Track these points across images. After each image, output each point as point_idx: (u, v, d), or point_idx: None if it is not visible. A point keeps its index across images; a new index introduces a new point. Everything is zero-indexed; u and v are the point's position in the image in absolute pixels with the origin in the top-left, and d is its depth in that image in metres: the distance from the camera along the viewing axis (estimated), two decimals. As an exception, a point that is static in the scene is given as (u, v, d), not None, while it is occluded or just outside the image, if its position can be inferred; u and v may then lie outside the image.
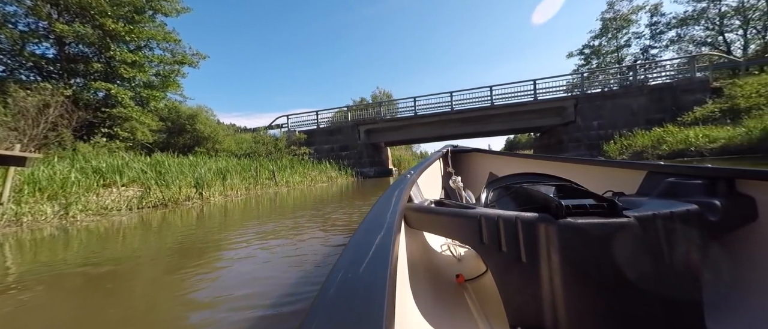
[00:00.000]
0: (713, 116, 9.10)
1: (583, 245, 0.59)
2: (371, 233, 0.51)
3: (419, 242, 1.03)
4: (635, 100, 11.14)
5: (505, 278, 0.64)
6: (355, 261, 0.40)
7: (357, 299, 0.31)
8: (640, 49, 20.86)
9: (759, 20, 15.65)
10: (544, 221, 0.62)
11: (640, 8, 20.25)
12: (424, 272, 0.89)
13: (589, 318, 0.58)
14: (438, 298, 0.79)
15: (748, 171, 0.79)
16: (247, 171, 8.21)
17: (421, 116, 13.84)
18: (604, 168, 1.34)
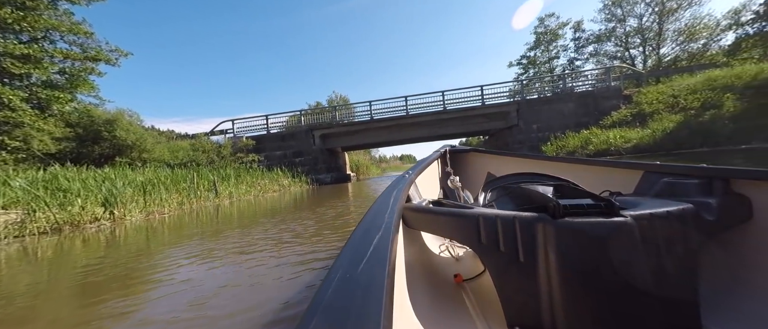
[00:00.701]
0: (626, 119, 10.56)
1: (581, 244, 0.59)
2: (369, 233, 0.50)
3: (418, 242, 1.01)
4: (566, 105, 12.47)
5: (503, 278, 0.64)
6: (354, 260, 0.40)
7: (355, 299, 0.31)
8: (567, 61, 23.71)
9: (653, 40, 18.85)
10: (542, 221, 0.62)
11: (565, 24, 23.05)
12: (423, 272, 0.87)
13: (587, 317, 0.57)
14: (436, 298, 0.78)
15: (743, 171, 0.79)
16: (182, 183, 7.19)
17: (377, 120, 13.77)
18: (601, 168, 1.35)
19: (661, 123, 8.98)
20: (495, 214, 0.67)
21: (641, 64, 18.85)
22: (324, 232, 2.86)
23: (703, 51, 17.38)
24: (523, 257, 0.62)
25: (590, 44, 22.05)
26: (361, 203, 5.02)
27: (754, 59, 11.28)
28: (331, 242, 2.41)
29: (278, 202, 6.41)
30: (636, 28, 19.44)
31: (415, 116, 13.57)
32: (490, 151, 2.40)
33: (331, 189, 9.30)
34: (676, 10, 17.76)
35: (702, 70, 11.91)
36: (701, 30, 17.34)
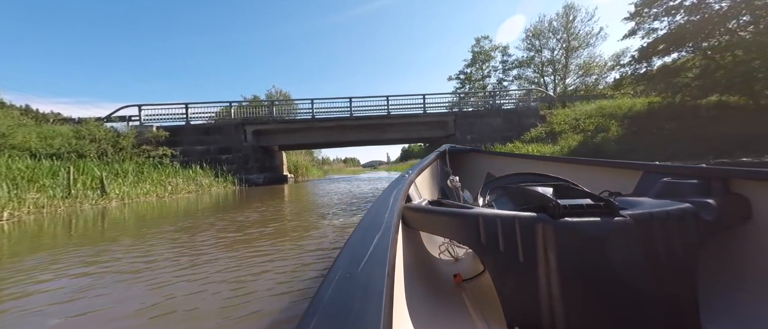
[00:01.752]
0: (541, 136, 12.11)
1: (581, 244, 0.59)
2: (369, 233, 0.50)
3: (417, 242, 0.99)
4: (495, 120, 13.76)
5: (503, 278, 0.64)
6: (353, 260, 0.40)
7: (354, 299, 0.31)
8: (497, 80, 26.59)
9: (561, 71, 22.42)
10: (542, 221, 0.62)
11: (495, 48, 25.83)
12: (422, 272, 0.86)
13: (586, 317, 0.58)
14: (436, 298, 0.78)
15: (742, 171, 0.79)
16: (54, 178, 5.49)
17: (319, 119, 13.08)
18: (600, 168, 1.34)
19: (567, 141, 10.52)
20: (495, 214, 0.67)
21: (552, 90, 22.19)
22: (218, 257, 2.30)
23: (596, 84, 21.36)
24: (523, 257, 0.62)
25: (515, 68, 25.14)
26: (295, 209, 4.46)
27: (629, 94, 14.25)
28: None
29: (189, 205, 5.34)
30: (549, 60, 22.86)
31: (359, 118, 13.31)
32: (489, 151, 2.38)
33: (263, 191, 8.32)
34: (577, 48, 21.49)
35: (595, 99, 14.47)
36: (594, 67, 21.34)
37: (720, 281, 0.75)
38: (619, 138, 9.51)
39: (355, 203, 4.75)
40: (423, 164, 1.60)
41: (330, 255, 1.99)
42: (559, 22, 21.63)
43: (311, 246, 2.21)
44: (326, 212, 3.83)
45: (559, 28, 21.72)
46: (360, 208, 4.13)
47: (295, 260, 1.91)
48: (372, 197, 5.38)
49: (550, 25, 22.05)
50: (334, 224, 3.02)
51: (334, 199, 5.37)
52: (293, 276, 1.62)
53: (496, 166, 2.15)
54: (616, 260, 0.58)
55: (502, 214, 0.66)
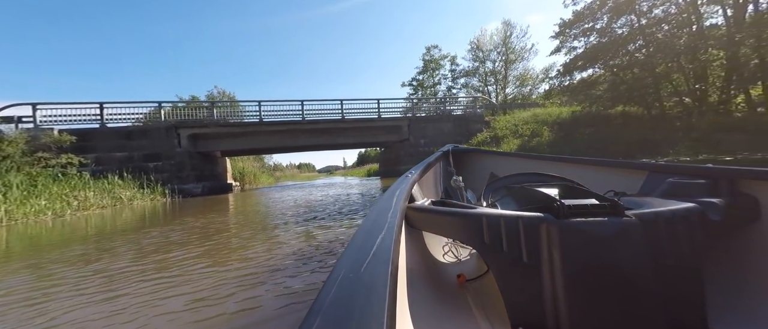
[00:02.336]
0: (486, 140, 13.03)
1: (585, 245, 0.59)
2: (372, 234, 0.50)
3: (421, 243, 0.98)
4: (446, 125, 14.44)
5: (507, 278, 0.64)
6: (357, 261, 0.40)
7: (358, 299, 0.31)
8: (447, 88, 28.12)
9: (502, 81, 24.64)
10: (546, 222, 0.62)
11: (444, 57, 27.33)
12: (426, 272, 0.85)
13: (591, 318, 0.57)
14: (439, 298, 0.77)
15: (750, 171, 0.78)
16: None
17: (268, 123, 12.25)
18: (605, 168, 1.32)
19: (509, 145, 11.48)
20: (498, 214, 0.67)
21: (495, 98, 24.23)
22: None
23: (530, 94, 23.90)
24: (527, 257, 0.62)
25: (462, 77, 26.90)
26: (233, 222, 3.97)
27: (557, 103, 16.22)
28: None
29: (93, 225, 4.43)
30: (491, 70, 24.97)
31: (313, 122, 12.82)
32: (493, 151, 2.39)
33: (199, 203, 7.38)
34: (514, 61, 23.88)
35: (530, 107, 16.13)
36: (528, 79, 23.93)
37: (727, 281, 0.74)
38: (550, 142, 10.68)
39: (304, 211, 4.44)
40: (426, 164, 1.56)
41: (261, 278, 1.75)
42: (499, 36, 23.82)
43: (240, 273, 1.92)
44: (265, 225, 3.48)
45: (499, 42, 23.91)
46: (310, 216, 3.86)
47: (216, 290, 1.62)
48: (324, 204, 5.12)
49: (491, 39, 24.15)
50: (275, 238, 2.73)
51: (276, 208, 4.98)
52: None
53: (499, 166, 2.13)
54: (622, 260, 0.58)
55: (506, 214, 0.66)
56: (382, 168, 17.44)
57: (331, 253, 2.12)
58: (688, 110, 9.61)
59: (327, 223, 3.34)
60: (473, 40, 25.34)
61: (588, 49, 11.96)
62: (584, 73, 12.78)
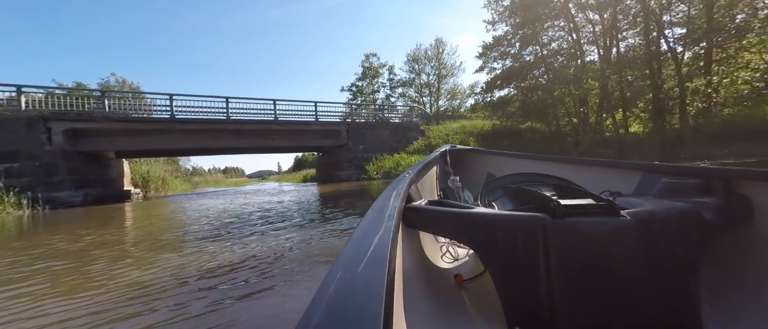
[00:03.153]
0: (422, 148, 13.73)
1: (581, 245, 0.59)
2: (370, 233, 0.50)
3: (418, 243, 0.98)
4: (384, 132, 14.72)
5: (504, 278, 0.65)
6: (354, 261, 0.40)
7: (355, 299, 0.31)
8: (385, 96, 28.94)
9: (435, 93, 26.59)
10: (543, 221, 0.62)
11: (383, 66, 28.15)
12: (423, 272, 0.85)
13: (587, 317, 0.58)
14: (436, 298, 0.77)
15: (743, 171, 0.78)
16: None
17: (183, 120, 10.56)
18: (601, 168, 1.32)
19: (441, 153, 12.31)
20: (495, 214, 0.68)
21: (429, 109, 25.95)
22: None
23: (459, 107, 26.34)
24: (524, 257, 0.62)
25: (400, 86, 28.10)
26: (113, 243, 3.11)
27: (481, 117, 18.23)
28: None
29: None
30: (426, 83, 26.74)
31: (239, 122, 11.55)
32: (490, 151, 2.31)
33: (73, 217, 5.73)
34: (446, 76, 26.07)
35: (459, 119, 17.69)
36: (457, 93, 26.38)
37: (721, 281, 0.74)
38: (476, 151, 11.83)
39: (211, 224, 3.81)
40: (423, 164, 1.56)
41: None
42: (432, 51, 25.71)
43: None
44: (139, 243, 2.84)
45: (433, 57, 25.80)
46: (215, 233, 3.31)
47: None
48: (240, 214, 4.53)
49: (426, 54, 25.90)
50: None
51: (176, 219, 4.20)
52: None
53: (496, 166, 2.12)
54: (618, 260, 0.58)
55: (503, 214, 0.67)
56: (320, 174, 16.77)
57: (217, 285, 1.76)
58: (575, 128, 11.82)
59: (229, 241, 2.85)
60: (409, 53, 26.82)
61: (504, 71, 13.75)
62: (502, 92, 14.65)
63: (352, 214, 3.80)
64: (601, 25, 11.22)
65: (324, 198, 6.53)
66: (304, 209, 4.83)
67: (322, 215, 4.01)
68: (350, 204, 4.80)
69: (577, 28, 11.92)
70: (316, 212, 4.35)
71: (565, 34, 12.45)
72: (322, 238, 2.58)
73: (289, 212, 4.45)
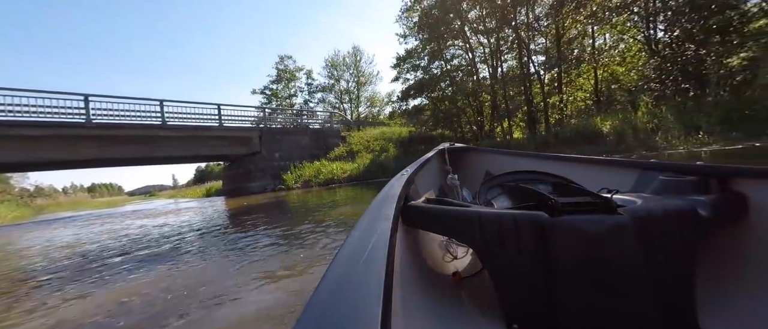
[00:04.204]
0: (343, 155, 13.59)
1: (579, 242, 0.60)
2: (368, 231, 0.51)
3: (416, 241, 0.98)
4: (303, 138, 13.98)
5: (502, 276, 0.65)
6: (352, 258, 0.40)
7: (353, 296, 0.31)
8: (303, 101, 27.72)
9: (355, 100, 26.94)
10: (540, 219, 0.63)
11: (300, 69, 26.93)
12: (421, 270, 0.86)
13: (584, 314, 0.58)
14: (435, 296, 0.77)
15: (739, 169, 0.78)
16: None
17: (11, 123, 7.69)
18: (598, 166, 1.33)
19: (362, 159, 12.41)
20: (493, 212, 0.68)
21: (350, 116, 26.08)
22: None
23: (379, 114, 27.35)
24: (522, 255, 0.63)
25: (319, 92, 27.40)
26: None
27: (399, 124, 19.30)
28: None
29: None
30: (346, 89, 26.85)
31: (108, 126, 9.12)
32: (488, 149, 2.29)
33: None
34: (365, 84, 26.76)
35: (379, 126, 18.31)
36: (376, 101, 27.38)
37: (717, 278, 0.73)
38: (395, 157, 12.37)
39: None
40: (422, 162, 1.57)
41: None
42: (351, 59, 26.06)
43: None
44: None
45: (351, 64, 26.14)
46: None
47: None
48: (94, 250, 3.49)
49: (344, 60, 26.06)
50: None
51: None
52: None
53: (495, 164, 2.09)
54: (615, 257, 0.59)
55: (501, 212, 0.67)
56: (228, 186, 14.66)
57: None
58: (475, 135, 13.69)
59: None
60: (328, 58, 26.51)
61: (417, 82, 14.92)
62: (416, 101, 15.85)
63: (264, 238, 3.34)
64: (489, 47, 13.41)
65: (227, 216, 5.66)
66: (194, 234, 4.01)
67: (202, 246, 3.16)
68: (258, 223, 4.19)
69: (472, 49, 13.93)
70: (205, 239, 3.67)
71: (464, 53, 14.40)
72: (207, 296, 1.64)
73: (169, 241, 3.59)
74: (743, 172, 0.78)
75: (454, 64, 14.51)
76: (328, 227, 3.19)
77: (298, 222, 3.74)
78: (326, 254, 2.19)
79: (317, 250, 2.33)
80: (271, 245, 2.70)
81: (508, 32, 12.71)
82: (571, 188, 0.91)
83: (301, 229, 3.30)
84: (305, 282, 1.68)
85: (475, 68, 13.99)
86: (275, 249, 2.56)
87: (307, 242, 2.62)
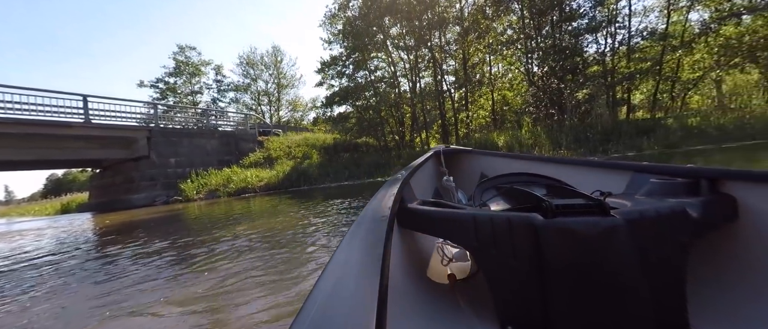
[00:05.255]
0: (260, 161, 12.35)
1: (573, 244, 0.61)
2: (363, 234, 0.51)
3: (411, 243, 1.00)
4: (210, 141, 12.13)
5: (496, 278, 0.66)
6: (348, 261, 0.40)
7: (349, 299, 0.31)
8: (211, 99, 24.26)
9: (275, 103, 25.06)
10: (535, 221, 0.63)
11: (206, 63, 23.51)
12: (417, 272, 0.87)
13: (578, 316, 0.59)
14: (430, 298, 0.78)
15: (729, 171, 0.80)
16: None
17: None
18: (592, 169, 1.34)
19: (282, 166, 11.52)
20: (488, 214, 0.69)
21: (269, 119, 24.06)
22: None
23: (302, 119, 26.10)
24: (516, 257, 0.63)
25: (231, 91, 24.46)
26: None
27: (323, 130, 18.75)
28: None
29: None
30: (264, 91, 24.74)
31: None
32: (484, 151, 2.30)
33: None
34: (286, 86, 25.24)
35: (302, 131, 17.43)
36: (299, 105, 26.12)
37: (708, 279, 0.74)
38: (319, 164, 11.91)
39: None
40: (417, 164, 1.57)
41: None
42: (270, 58, 24.23)
43: None
44: None
45: (271, 64, 24.30)
46: None
47: None
48: None
49: (263, 60, 24.07)
50: None
51: None
52: None
53: (490, 166, 2.10)
54: (608, 259, 0.59)
55: (496, 214, 0.68)
56: (98, 199, 11.37)
57: None
58: (398, 144, 14.42)
59: None
60: (243, 55, 24.10)
61: (342, 89, 14.87)
62: (341, 108, 15.74)
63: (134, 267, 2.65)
64: (409, 63, 14.47)
65: (89, 240, 4.37)
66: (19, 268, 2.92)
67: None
68: (124, 250, 3.33)
69: (394, 63, 14.76)
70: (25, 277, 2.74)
71: (387, 66, 15.12)
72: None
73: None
74: (733, 174, 0.79)
75: (377, 75, 15.05)
76: (237, 251, 2.73)
77: (194, 243, 3.11)
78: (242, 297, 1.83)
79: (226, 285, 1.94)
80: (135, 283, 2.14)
81: (425, 51, 13.97)
82: (566, 190, 0.92)
83: (187, 254, 2.73)
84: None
85: (397, 81, 14.84)
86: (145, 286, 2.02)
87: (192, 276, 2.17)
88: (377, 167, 10.89)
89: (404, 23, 13.48)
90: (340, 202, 5.17)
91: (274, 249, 2.50)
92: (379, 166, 11.02)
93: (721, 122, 8.21)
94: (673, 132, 8.31)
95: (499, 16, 13.03)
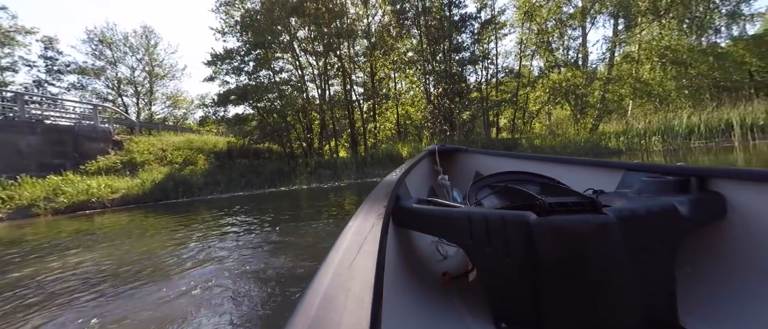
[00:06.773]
0: (116, 166, 9.45)
1: (565, 241, 0.60)
2: (359, 232, 0.51)
3: (406, 241, 0.99)
4: (25, 138, 8.54)
5: (491, 275, 0.66)
6: (342, 259, 0.41)
7: (343, 297, 0.31)
8: (34, 81, 17.37)
9: (146, 95, 19.98)
10: (529, 219, 0.63)
11: (27, 31, 16.73)
12: (411, 270, 0.87)
13: (571, 312, 0.59)
14: (425, 296, 0.79)
15: (717, 170, 0.81)
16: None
17: None
18: (585, 167, 1.36)
19: (151, 174, 9.12)
20: (483, 212, 0.69)
21: (136, 115, 18.92)
22: None
23: (185, 118, 21.65)
24: (510, 254, 0.64)
25: (73, 74, 18.19)
26: None
27: (213, 132, 15.98)
28: None
29: None
30: (129, 79, 19.42)
31: None
32: (479, 150, 2.32)
33: None
34: (163, 77, 20.54)
35: (185, 132, 14.40)
36: (182, 101, 21.62)
37: (697, 277, 0.76)
38: (205, 172, 10.00)
39: None
40: (413, 163, 1.57)
41: None
42: (139, 41, 19.33)
43: None
44: None
45: (139, 48, 19.37)
46: None
47: None
48: None
49: (128, 40, 18.97)
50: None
51: None
52: None
53: (485, 165, 2.10)
54: (600, 256, 0.60)
55: (490, 212, 0.69)
56: None
57: None
58: (305, 152, 13.66)
59: None
60: (94, 29, 18.49)
61: (240, 88, 13.12)
62: (238, 109, 13.82)
63: None
64: (318, 69, 14.09)
65: None
66: None
67: None
68: None
69: (302, 67, 14.09)
70: None
71: (294, 69, 14.27)
72: None
73: None
74: (722, 173, 0.80)
75: (283, 77, 14.01)
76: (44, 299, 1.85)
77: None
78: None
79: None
80: None
81: (335, 60, 13.91)
82: (559, 189, 0.92)
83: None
84: None
85: (305, 86, 14.19)
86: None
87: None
88: (281, 176, 9.97)
89: (312, 28, 13.09)
90: (223, 216, 4.35)
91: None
92: (283, 174, 10.12)
93: (552, 144, 11.24)
94: (524, 149, 10.86)
95: (401, 37, 14.29)
